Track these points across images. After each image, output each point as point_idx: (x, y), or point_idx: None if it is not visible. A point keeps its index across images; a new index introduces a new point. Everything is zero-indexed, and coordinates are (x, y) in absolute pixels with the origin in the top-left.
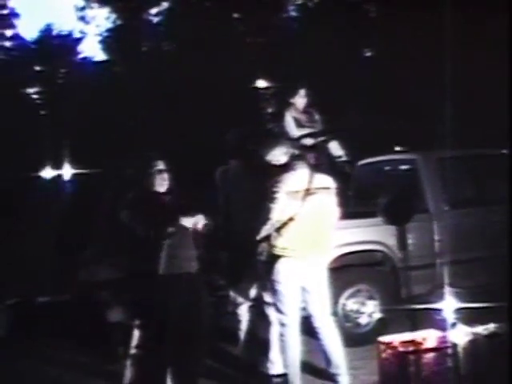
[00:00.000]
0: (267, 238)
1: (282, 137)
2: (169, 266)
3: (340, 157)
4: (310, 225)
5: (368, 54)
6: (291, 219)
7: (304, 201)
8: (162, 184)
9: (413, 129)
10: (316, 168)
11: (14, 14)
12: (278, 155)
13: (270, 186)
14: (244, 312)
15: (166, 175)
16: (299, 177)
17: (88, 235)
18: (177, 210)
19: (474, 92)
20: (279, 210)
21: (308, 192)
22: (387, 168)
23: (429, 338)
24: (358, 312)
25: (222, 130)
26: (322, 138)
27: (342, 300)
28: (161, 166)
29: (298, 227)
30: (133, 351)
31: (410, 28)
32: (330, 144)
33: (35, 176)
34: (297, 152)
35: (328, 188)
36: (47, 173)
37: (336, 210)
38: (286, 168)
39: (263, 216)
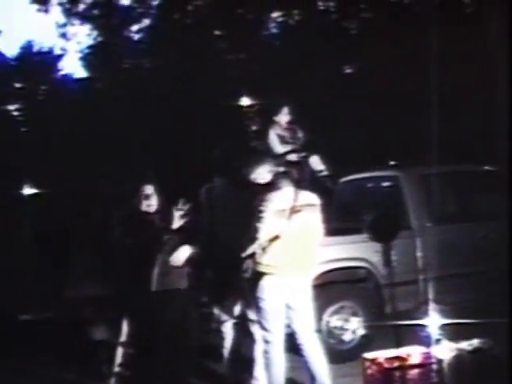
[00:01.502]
0: (252, 255)
1: (266, 154)
2: (162, 283)
3: (321, 171)
4: (296, 242)
5: (349, 71)
6: (277, 237)
7: (290, 219)
8: (149, 205)
9: (395, 146)
10: (300, 185)
11: None
12: (263, 174)
13: (257, 206)
14: (228, 329)
15: (153, 198)
16: (285, 195)
17: (74, 253)
18: (165, 228)
19: (458, 108)
20: (266, 229)
21: (294, 210)
22: (370, 185)
23: (413, 354)
24: (341, 329)
25: (206, 148)
26: (304, 154)
27: (325, 317)
28: (148, 190)
29: (283, 245)
30: (117, 369)
31: (391, 45)
32: (310, 159)
33: (18, 192)
34: (281, 170)
35: (313, 205)
36: (29, 190)
37: (321, 227)
38: (271, 187)
39: (250, 235)
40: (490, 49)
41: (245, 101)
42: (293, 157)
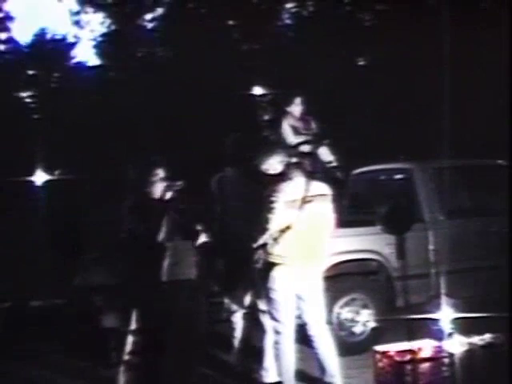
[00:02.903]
0: (263, 245)
1: (278, 145)
2: (171, 273)
3: (330, 162)
4: (307, 233)
5: (363, 63)
6: (288, 227)
7: (301, 209)
8: (163, 191)
9: (409, 138)
10: (312, 175)
11: (8, 18)
12: (274, 164)
13: (268, 196)
14: (238, 319)
15: (163, 183)
16: (296, 185)
17: (87, 240)
18: (178, 216)
19: (471, 102)
20: (277, 220)
21: (305, 200)
22: (383, 177)
23: (425, 347)
24: (352, 321)
25: (219, 137)
26: (317, 145)
27: (336, 308)
28: (161, 173)
29: (294, 235)
30: (126, 357)
31: (405, 38)
32: (319, 150)
33: (29, 180)
34: (292, 160)
35: (324, 195)
36: (41, 177)
37: (332, 218)
38: (282, 177)
39: (261, 226)
40: (505, 43)
41: (258, 90)
42: (305, 148)
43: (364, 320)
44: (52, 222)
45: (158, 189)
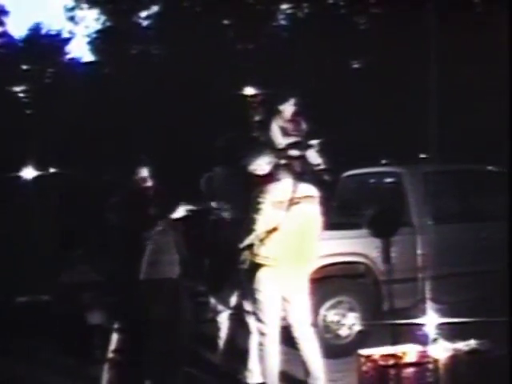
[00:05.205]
0: (250, 246)
1: (267, 145)
2: (150, 272)
3: (318, 165)
4: (293, 234)
5: (356, 66)
6: (275, 229)
7: (288, 210)
8: (146, 190)
9: (399, 142)
10: (300, 177)
11: (2, 12)
12: (262, 165)
13: (255, 197)
14: (224, 320)
15: (149, 182)
16: (283, 187)
17: (73, 236)
18: (162, 207)
19: (462, 107)
20: (263, 221)
21: (292, 202)
22: (372, 180)
23: (409, 352)
24: (338, 323)
25: (210, 137)
26: (306, 147)
27: (322, 311)
28: (146, 172)
29: (281, 237)
30: (111, 355)
31: (399, 41)
32: (307, 153)
33: (18, 175)
34: (280, 161)
35: (312, 196)
36: (31, 172)
37: (319, 220)
38: (269, 178)
39: (248, 227)
40: (497, 48)
41: (249, 90)
42: (294, 150)
43: (350, 323)
44: (39, 219)
45: (144, 187)
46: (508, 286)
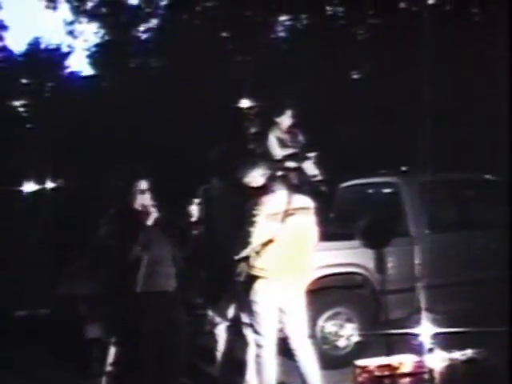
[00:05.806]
0: (246, 258)
1: (261, 157)
2: (147, 284)
3: (315, 176)
4: (289, 246)
5: (355, 77)
6: (270, 241)
7: (283, 222)
8: (143, 203)
9: (396, 152)
10: (295, 188)
11: (2, 26)
12: (257, 177)
13: (250, 209)
14: (221, 332)
15: (147, 194)
16: (278, 198)
17: (72, 249)
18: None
19: (459, 117)
20: (259, 233)
21: (287, 213)
22: (369, 191)
23: (405, 362)
24: (336, 335)
25: (206, 148)
26: (303, 158)
27: (320, 322)
28: (143, 185)
29: (276, 248)
30: (108, 368)
31: (397, 51)
32: (304, 164)
33: (19, 189)
34: (276, 173)
35: (307, 208)
36: (31, 186)
37: (315, 231)
38: (264, 190)
39: (243, 240)
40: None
41: (246, 102)
42: (291, 161)
43: (348, 334)
44: (38, 232)
45: (141, 199)
46: (507, 295)
